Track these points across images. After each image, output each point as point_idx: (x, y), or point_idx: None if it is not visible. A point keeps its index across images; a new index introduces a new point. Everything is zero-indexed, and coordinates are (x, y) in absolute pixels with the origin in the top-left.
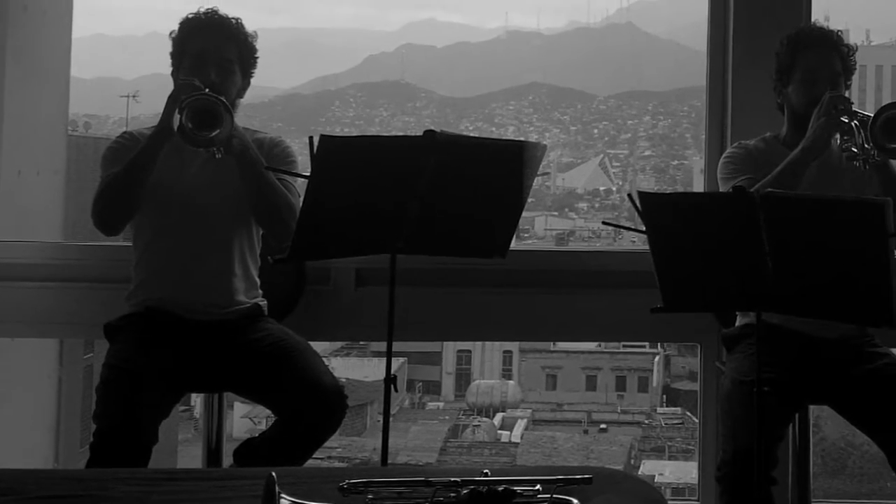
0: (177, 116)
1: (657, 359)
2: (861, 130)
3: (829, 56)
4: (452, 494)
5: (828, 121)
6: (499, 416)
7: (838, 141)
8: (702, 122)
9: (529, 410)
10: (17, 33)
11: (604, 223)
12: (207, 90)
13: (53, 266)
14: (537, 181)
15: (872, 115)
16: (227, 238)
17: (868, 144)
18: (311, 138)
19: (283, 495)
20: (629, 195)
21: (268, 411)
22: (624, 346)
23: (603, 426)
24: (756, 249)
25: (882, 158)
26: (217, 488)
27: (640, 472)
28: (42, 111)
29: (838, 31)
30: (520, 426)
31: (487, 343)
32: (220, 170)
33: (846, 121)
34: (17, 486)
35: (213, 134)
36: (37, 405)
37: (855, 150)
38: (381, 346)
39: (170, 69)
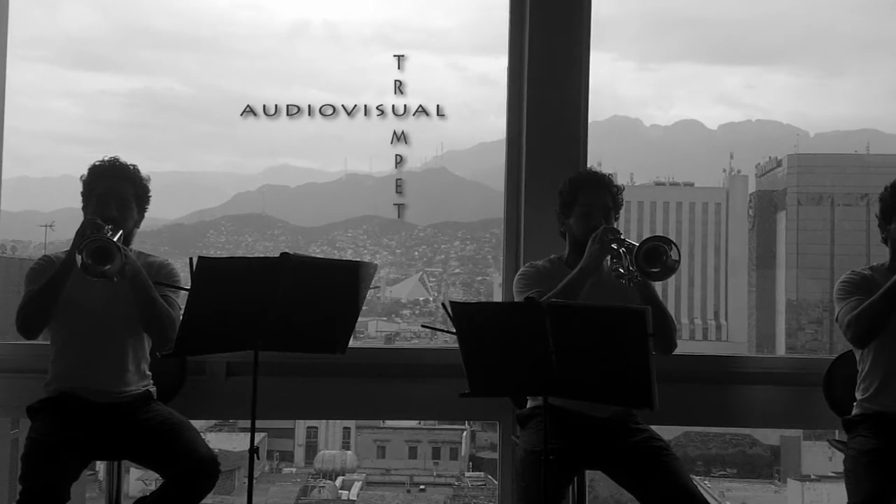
0: (78, 256)
1: (465, 433)
2: (627, 256)
3: (602, 194)
4: None
5: (601, 247)
6: (340, 479)
7: (609, 262)
8: (500, 246)
9: (364, 474)
10: None
11: (423, 326)
12: (109, 227)
13: None
14: (370, 293)
15: (637, 244)
16: (122, 341)
17: (633, 267)
18: (191, 259)
19: None
20: (443, 304)
21: (157, 474)
22: (438, 423)
23: (422, 487)
24: (543, 347)
25: (643, 279)
26: None
27: None
28: None
29: (609, 174)
30: (356, 487)
31: (331, 421)
32: (117, 289)
33: (616, 247)
34: None
35: (107, 267)
36: None
37: (622, 270)
38: (247, 423)
39: (80, 204)
